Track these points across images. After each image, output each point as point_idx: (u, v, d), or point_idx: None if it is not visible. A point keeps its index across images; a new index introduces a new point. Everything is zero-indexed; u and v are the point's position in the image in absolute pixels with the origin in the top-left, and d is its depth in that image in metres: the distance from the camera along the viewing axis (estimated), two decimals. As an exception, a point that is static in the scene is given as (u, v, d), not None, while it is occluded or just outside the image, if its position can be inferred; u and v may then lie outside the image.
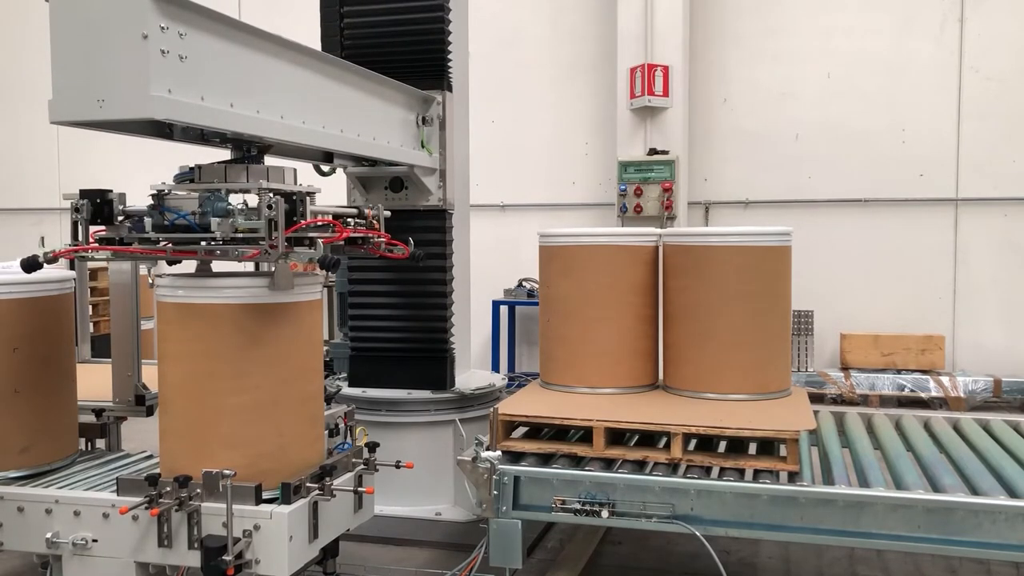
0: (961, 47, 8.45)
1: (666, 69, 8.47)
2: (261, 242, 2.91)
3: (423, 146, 4.63)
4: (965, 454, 3.82)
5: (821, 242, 8.58)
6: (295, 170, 3.26)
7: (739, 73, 8.97)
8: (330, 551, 3.44)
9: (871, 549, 3.85)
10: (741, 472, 3.49)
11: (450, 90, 4.83)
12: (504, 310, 9.03)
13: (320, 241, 3.08)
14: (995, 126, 8.38)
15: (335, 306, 7.47)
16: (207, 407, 3.02)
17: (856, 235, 8.69)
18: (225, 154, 3.29)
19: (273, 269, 3.03)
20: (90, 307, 6.01)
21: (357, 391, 4.95)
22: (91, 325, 5.37)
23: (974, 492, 3.32)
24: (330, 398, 3.69)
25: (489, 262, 5.76)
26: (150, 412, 3.98)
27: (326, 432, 3.46)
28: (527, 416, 3.82)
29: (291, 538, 2.98)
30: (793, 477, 3.45)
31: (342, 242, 3.31)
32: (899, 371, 8.24)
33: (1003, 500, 3.19)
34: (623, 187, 8.62)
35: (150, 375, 4.04)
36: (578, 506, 3.50)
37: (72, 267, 4.95)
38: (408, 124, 4.50)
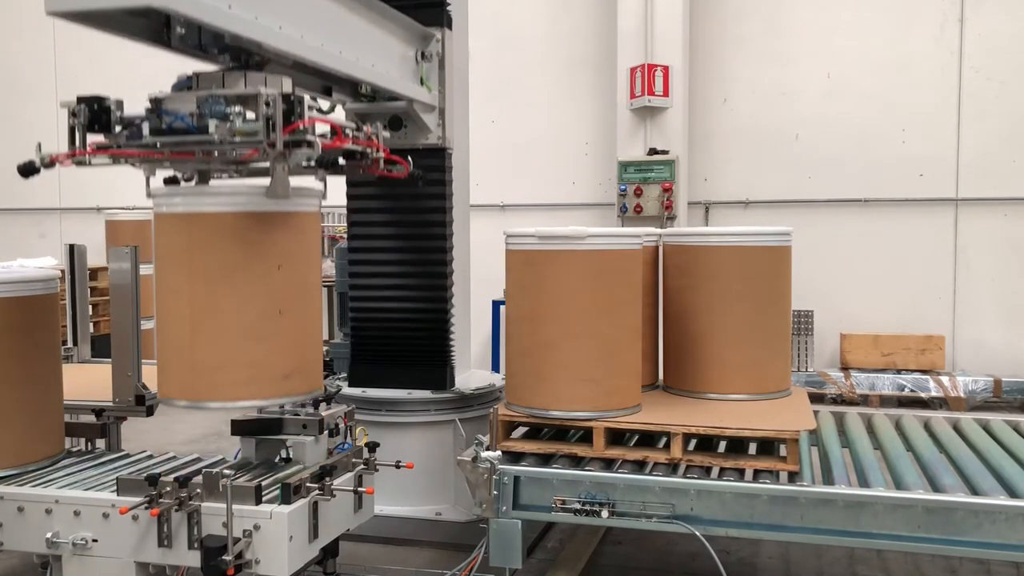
0: (961, 47, 8.44)
1: (666, 69, 8.46)
2: (259, 143, 2.87)
3: (422, 83, 4.56)
4: (965, 454, 3.82)
5: (821, 242, 8.58)
6: (291, 79, 3.17)
7: (739, 73, 8.97)
8: (330, 551, 3.44)
9: (871, 549, 3.85)
10: (741, 472, 3.50)
11: (449, 27, 4.74)
12: (504, 310, 9.01)
13: (318, 142, 3.00)
14: (995, 126, 8.38)
15: (335, 305, 7.47)
16: (206, 319, 3.01)
17: (856, 235, 8.69)
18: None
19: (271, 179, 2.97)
20: (90, 307, 6.00)
21: (357, 391, 4.95)
22: (91, 325, 5.36)
23: (974, 492, 3.32)
24: (330, 398, 3.69)
25: (489, 262, 5.74)
26: (150, 412, 3.97)
27: (326, 432, 3.46)
28: (527, 416, 3.81)
29: (291, 538, 2.98)
30: (793, 477, 3.45)
31: (340, 155, 3.19)
32: (899, 371, 8.24)
33: (1003, 500, 3.19)
34: (623, 187, 8.61)
35: (150, 375, 4.04)
36: (578, 506, 3.50)
37: (69, 265, 4.96)
38: (407, 60, 4.42)
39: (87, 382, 4.31)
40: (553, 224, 5.12)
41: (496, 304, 8.85)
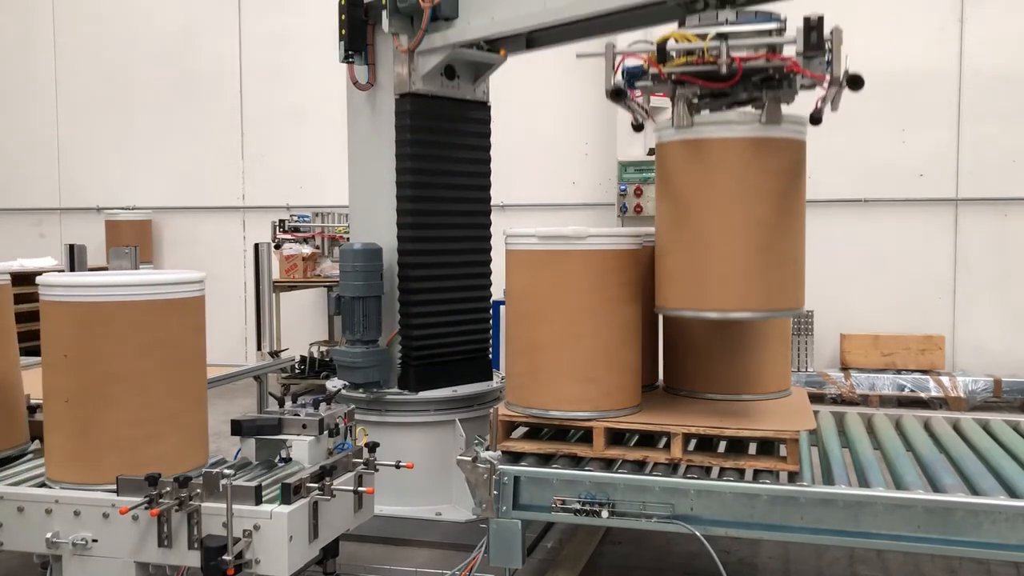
0: (961, 47, 8.44)
1: (666, 69, 8.45)
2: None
3: None
4: (965, 454, 3.82)
5: (821, 242, 8.53)
6: None
7: (739, 73, 8.95)
8: (330, 551, 3.45)
9: (871, 549, 3.85)
10: (741, 472, 3.49)
11: None
12: (504, 310, 9.01)
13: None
14: (995, 126, 8.38)
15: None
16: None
17: (856, 235, 8.68)
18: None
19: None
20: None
21: (357, 391, 4.95)
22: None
23: (974, 492, 3.32)
24: (330, 398, 3.69)
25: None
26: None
27: (326, 432, 3.47)
28: (527, 416, 3.82)
29: (291, 538, 2.98)
30: (793, 477, 3.45)
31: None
32: (899, 371, 8.23)
33: (1003, 500, 3.19)
34: (623, 187, 8.61)
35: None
36: (578, 506, 3.50)
37: (69, 265, 4.96)
38: None
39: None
40: (553, 224, 5.12)
41: (496, 304, 8.83)
